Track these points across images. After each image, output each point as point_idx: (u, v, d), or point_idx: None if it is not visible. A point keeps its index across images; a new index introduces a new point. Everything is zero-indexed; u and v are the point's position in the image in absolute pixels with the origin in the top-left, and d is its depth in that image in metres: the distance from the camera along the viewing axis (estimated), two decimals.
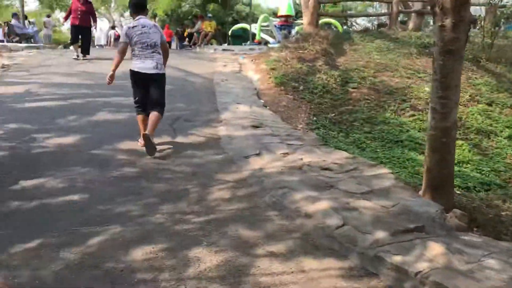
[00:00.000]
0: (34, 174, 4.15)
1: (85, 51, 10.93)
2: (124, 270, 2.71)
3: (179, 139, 5.35)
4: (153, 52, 4.93)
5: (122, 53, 4.98)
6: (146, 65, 4.91)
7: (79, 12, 10.61)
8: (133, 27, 4.95)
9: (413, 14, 13.46)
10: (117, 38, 22.71)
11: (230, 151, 4.91)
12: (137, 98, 5.06)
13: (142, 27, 4.92)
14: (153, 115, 4.93)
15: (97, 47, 19.13)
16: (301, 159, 4.44)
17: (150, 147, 4.72)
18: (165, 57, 5.13)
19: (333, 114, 7.31)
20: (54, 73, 8.97)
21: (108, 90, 7.51)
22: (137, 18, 5.00)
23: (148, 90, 5.01)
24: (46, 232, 3.15)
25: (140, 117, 5.06)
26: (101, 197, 3.74)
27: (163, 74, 5.07)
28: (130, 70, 4.99)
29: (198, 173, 4.32)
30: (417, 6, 13.26)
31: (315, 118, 6.97)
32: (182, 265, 2.78)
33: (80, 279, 2.62)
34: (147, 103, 5.04)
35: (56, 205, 3.58)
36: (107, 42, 21.97)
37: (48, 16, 22.34)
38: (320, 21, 13.80)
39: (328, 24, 19.19)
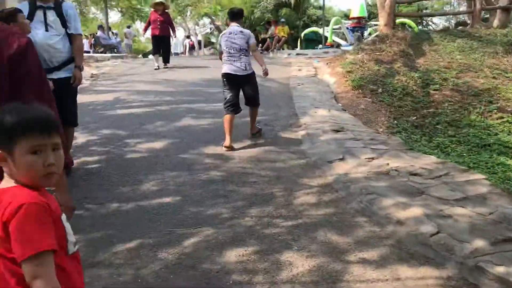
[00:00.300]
0: (129, 177, 4.37)
1: (166, 60, 11.42)
2: (219, 272, 2.78)
3: (261, 143, 5.42)
4: (240, 55, 5.31)
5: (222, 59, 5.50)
6: (234, 67, 5.30)
7: (158, 23, 11.10)
8: (222, 34, 5.49)
9: (498, 10, 12.70)
10: (191, 47, 23.57)
11: (313, 155, 4.90)
12: (228, 98, 5.36)
13: (229, 34, 5.37)
14: (252, 109, 5.57)
15: (173, 55, 19.93)
16: (388, 164, 4.33)
17: (257, 136, 5.60)
18: (256, 57, 5.52)
19: (415, 117, 7.09)
20: (139, 81, 9.48)
21: (190, 97, 7.83)
22: (230, 25, 5.50)
23: (241, 91, 5.45)
24: (144, 233, 3.29)
25: (227, 117, 5.25)
26: (192, 200, 3.87)
27: (252, 73, 5.44)
28: (222, 73, 5.40)
29: (282, 178, 4.35)
30: (503, 1, 12.51)
31: (395, 122, 6.79)
32: (275, 269, 2.80)
33: (179, 279, 2.72)
34: (238, 103, 5.42)
35: (151, 207, 3.75)
36: (183, 50, 22.83)
37: (128, 27, 23.62)
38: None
39: (403, 25, 18.64)
